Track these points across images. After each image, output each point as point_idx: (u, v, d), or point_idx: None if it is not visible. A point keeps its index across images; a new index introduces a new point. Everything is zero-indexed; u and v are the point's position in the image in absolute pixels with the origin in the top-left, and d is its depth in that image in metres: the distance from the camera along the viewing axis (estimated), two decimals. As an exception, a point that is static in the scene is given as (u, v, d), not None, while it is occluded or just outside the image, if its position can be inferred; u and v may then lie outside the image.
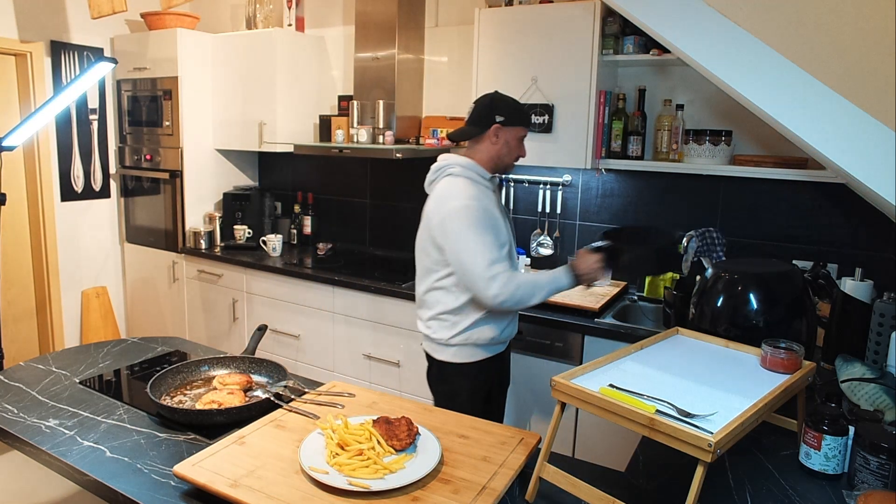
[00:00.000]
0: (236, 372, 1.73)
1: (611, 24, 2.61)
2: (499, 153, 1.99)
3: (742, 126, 2.61)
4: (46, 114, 2.39)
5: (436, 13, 3.30)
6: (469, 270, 1.83)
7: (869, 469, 1.20)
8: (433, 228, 1.92)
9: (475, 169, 1.96)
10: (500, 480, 1.21)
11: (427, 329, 2.03)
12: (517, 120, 1.98)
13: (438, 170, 1.99)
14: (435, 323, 1.99)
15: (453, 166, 1.97)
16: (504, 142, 1.98)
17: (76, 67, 3.67)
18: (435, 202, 1.94)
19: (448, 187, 1.93)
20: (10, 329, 3.60)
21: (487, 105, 1.98)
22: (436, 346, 2.01)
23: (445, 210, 1.88)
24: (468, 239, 1.83)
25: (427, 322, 2.02)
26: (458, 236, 1.84)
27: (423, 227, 1.99)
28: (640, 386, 1.17)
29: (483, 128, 1.96)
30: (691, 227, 2.68)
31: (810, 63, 1.39)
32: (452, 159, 1.99)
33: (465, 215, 1.84)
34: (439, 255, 1.92)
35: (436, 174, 2.00)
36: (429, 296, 2.00)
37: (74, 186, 3.77)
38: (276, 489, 1.16)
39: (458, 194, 1.88)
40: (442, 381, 2.05)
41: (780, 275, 1.69)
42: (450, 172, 1.97)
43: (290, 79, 3.48)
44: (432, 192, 1.99)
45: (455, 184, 1.92)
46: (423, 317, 2.04)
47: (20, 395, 1.63)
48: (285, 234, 3.74)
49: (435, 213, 1.91)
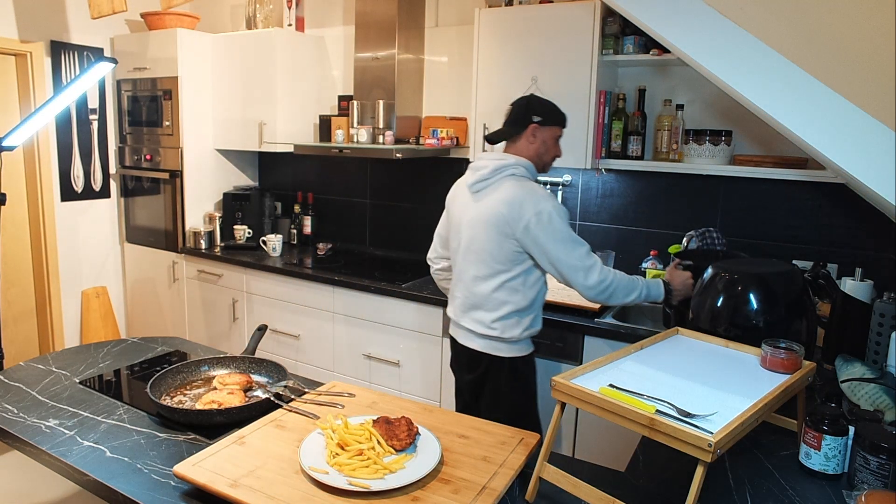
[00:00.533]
0: (236, 372, 1.73)
1: (611, 24, 2.61)
2: (537, 152, 2.03)
3: (742, 126, 2.61)
4: (46, 114, 2.39)
5: (436, 13, 3.30)
6: (570, 264, 1.89)
7: (869, 469, 1.20)
8: (517, 232, 1.91)
9: (532, 170, 2.02)
10: (500, 480, 1.21)
11: (492, 330, 2.00)
12: (553, 120, 2.04)
13: (497, 170, 1.97)
14: (502, 323, 1.99)
15: (517, 166, 1.98)
16: (541, 141, 2.03)
17: (76, 67, 3.67)
18: (512, 206, 1.91)
19: (524, 190, 1.93)
20: (10, 329, 3.60)
21: (524, 106, 2.03)
22: (504, 344, 2.02)
23: (534, 212, 1.88)
24: (564, 237, 1.89)
25: (492, 324, 2.00)
26: (556, 236, 1.89)
27: (487, 228, 1.96)
28: (640, 386, 1.17)
29: (521, 128, 2.02)
30: (691, 227, 2.69)
31: (810, 63, 1.39)
32: (512, 159, 1.99)
33: (556, 216, 1.90)
34: (513, 256, 1.94)
35: (494, 174, 1.98)
36: (496, 296, 1.98)
37: (74, 186, 3.77)
38: (276, 489, 1.16)
39: (541, 196, 1.91)
40: (516, 377, 2.06)
41: (780, 275, 1.69)
42: (513, 173, 1.97)
43: (290, 79, 3.48)
44: (495, 194, 1.96)
45: (529, 186, 1.95)
46: (485, 319, 2.01)
47: (20, 395, 1.63)
48: (285, 234, 3.74)
49: (517, 217, 1.90)
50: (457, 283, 2.12)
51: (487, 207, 1.96)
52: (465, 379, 2.16)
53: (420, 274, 3.07)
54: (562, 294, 2.64)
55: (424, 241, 3.49)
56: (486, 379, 2.07)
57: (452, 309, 2.15)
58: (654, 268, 2.74)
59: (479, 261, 2.00)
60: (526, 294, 1.99)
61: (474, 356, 2.07)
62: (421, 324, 2.80)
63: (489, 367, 2.05)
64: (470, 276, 2.04)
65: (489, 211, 1.95)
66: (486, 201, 1.98)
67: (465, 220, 2.05)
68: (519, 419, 1.66)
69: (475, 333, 2.05)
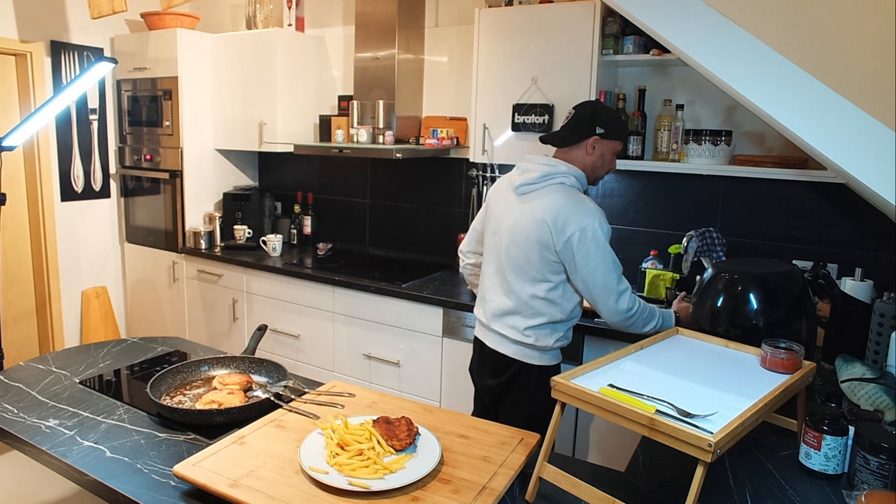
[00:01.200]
0: (236, 372, 1.73)
1: (611, 24, 2.61)
2: (594, 164, 1.96)
3: (742, 126, 2.61)
4: (46, 114, 2.39)
5: (436, 13, 3.30)
6: (604, 286, 1.85)
7: (869, 469, 1.20)
8: (559, 244, 1.85)
9: (584, 181, 1.95)
10: (500, 480, 1.21)
11: (526, 338, 1.95)
12: (617, 133, 1.95)
13: (546, 176, 1.91)
14: (535, 332, 1.94)
15: (568, 175, 1.91)
16: (600, 154, 1.95)
17: (76, 67, 3.67)
18: (557, 216, 1.84)
19: (572, 201, 1.86)
20: (10, 329, 3.60)
21: (590, 115, 1.93)
22: (537, 353, 1.97)
23: (579, 227, 1.82)
24: (605, 257, 1.84)
25: (525, 331, 1.95)
26: (597, 255, 1.83)
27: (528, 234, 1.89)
28: (640, 386, 1.17)
29: (582, 137, 1.93)
30: (691, 227, 2.69)
31: (810, 63, 1.39)
32: (563, 167, 1.92)
33: (601, 234, 1.84)
34: (553, 266, 1.89)
35: (543, 180, 1.91)
36: (533, 304, 1.93)
37: (74, 186, 3.77)
38: (276, 489, 1.16)
39: (590, 211, 1.85)
40: (541, 386, 1.98)
41: (780, 275, 1.69)
42: (562, 181, 1.90)
43: (290, 79, 3.48)
44: (540, 201, 1.89)
45: (579, 198, 1.88)
46: (519, 326, 1.95)
47: (20, 395, 1.63)
48: (285, 234, 3.74)
49: (561, 229, 1.83)
50: (490, 285, 2.04)
51: (532, 214, 1.89)
52: (487, 384, 2.09)
53: (420, 274, 3.07)
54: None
55: (424, 241, 3.51)
56: (513, 385, 2.01)
57: (483, 312, 2.08)
58: (653, 268, 2.74)
59: (518, 267, 1.93)
60: (563, 306, 1.93)
61: (503, 361, 2.01)
62: (421, 324, 2.80)
63: (517, 373, 1.99)
64: (507, 280, 1.97)
65: (533, 218, 1.88)
66: (530, 206, 1.90)
67: (507, 223, 1.97)
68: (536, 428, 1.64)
69: (508, 339, 1.98)
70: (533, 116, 2.70)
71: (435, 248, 3.45)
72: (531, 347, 1.96)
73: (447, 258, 3.35)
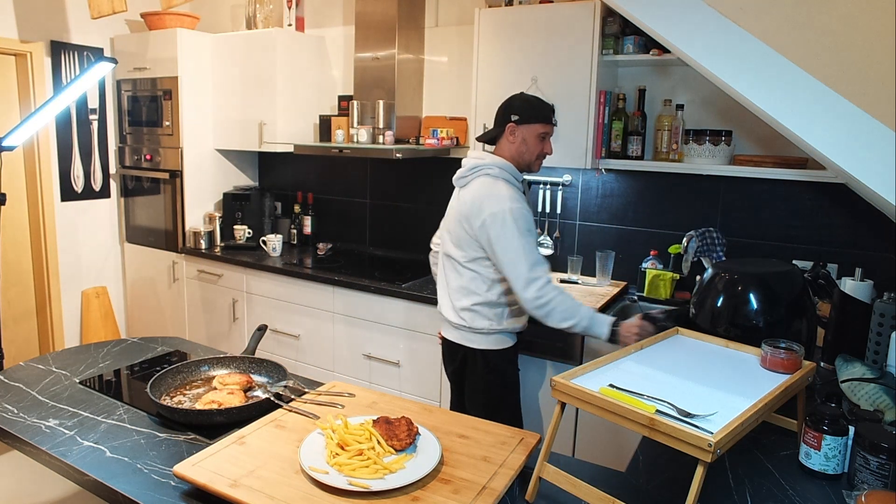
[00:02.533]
0: (236, 372, 1.73)
1: (611, 24, 2.61)
2: (518, 151, 2.04)
3: (742, 126, 2.61)
4: (46, 114, 2.39)
5: (436, 13, 3.30)
6: (512, 271, 1.90)
7: (869, 469, 1.20)
8: (475, 229, 1.96)
9: (510, 170, 2.02)
10: (500, 480, 1.21)
11: (461, 321, 2.06)
12: (532, 117, 2.01)
13: (474, 168, 2.02)
14: (468, 314, 2.04)
15: (491, 167, 2.00)
16: (521, 139, 2.03)
17: (76, 67, 3.67)
18: (474, 203, 1.96)
19: (489, 189, 1.96)
20: (10, 329, 3.60)
21: (505, 105, 2.06)
22: (476, 336, 2.06)
23: (490, 212, 1.91)
24: (514, 241, 1.89)
25: (461, 313, 2.06)
26: (505, 239, 1.90)
27: (458, 221, 2.02)
28: (640, 386, 1.17)
29: (500, 127, 2.05)
30: (691, 227, 2.69)
31: (810, 63, 1.39)
32: (489, 159, 2.02)
33: (510, 219, 1.90)
34: (477, 251, 1.99)
35: (470, 172, 2.03)
36: (463, 287, 2.05)
37: (74, 186, 3.77)
38: (276, 489, 1.16)
39: (505, 198, 1.92)
40: (489, 370, 2.09)
41: (780, 275, 1.69)
42: (487, 172, 2.00)
43: (290, 79, 3.48)
44: (467, 190, 2.02)
45: (496, 186, 1.96)
46: (457, 307, 2.07)
47: (20, 395, 1.63)
48: (285, 234, 3.74)
49: (476, 214, 1.95)
50: (441, 275, 2.19)
51: (461, 202, 2.03)
52: (449, 371, 2.23)
53: (420, 274, 3.07)
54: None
55: (424, 241, 3.49)
56: (465, 371, 2.14)
57: (439, 303, 2.21)
58: (653, 268, 2.74)
59: (453, 254, 2.07)
60: (492, 288, 2.02)
61: (452, 347, 2.14)
62: (421, 324, 2.80)
63: (465, 358, 2.11)
64: (447, 268, 2.12)
65: (461, 206, 2.02)
66: (462, 197, 2.05)
67: (448, 215, 2.13)
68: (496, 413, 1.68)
69: (451, 324, 2.11)
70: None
71: (435, 248, 3.45)
72: (468, 330, 2.07)
73: (447, 258, 3.35)
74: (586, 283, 2.85)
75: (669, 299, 2.67)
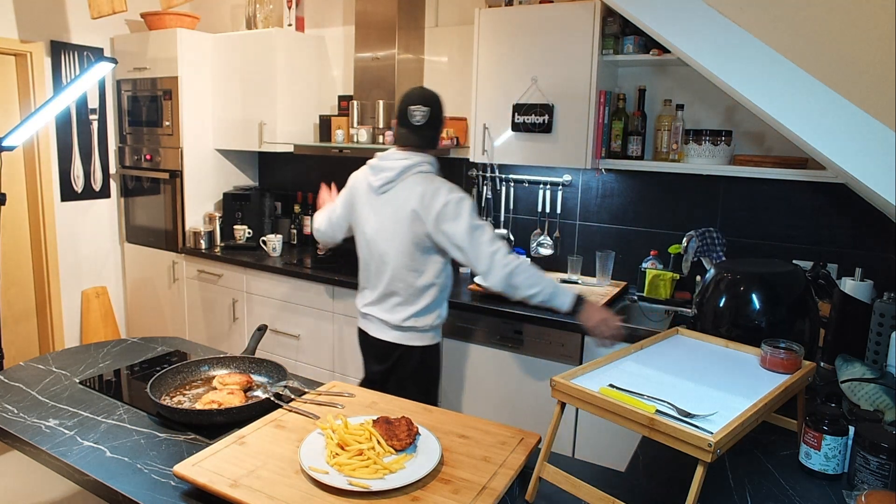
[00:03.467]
0: (236, 372, 1.73)
1: (611, 24, 2.61)
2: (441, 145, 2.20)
3: (742, 126, 2.61)
4: (46, 114, 2.39)
5: (436, 13, 3.30)
6: (474, 249, 1.96)
7: (869, 469, 1.20)
8: (428, 223, 1.99)
9: (436, 164, 2.13)
10: (500, 480, 1.21)
11: (407, 322, 2.10)
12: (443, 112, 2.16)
13: (405, 169, 2.05)
14: (416, 317, 2.10)
15: (423, 164, 2.08)
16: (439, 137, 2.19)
17: (76, 67, 3.67)
18: (422, 197, 1.99)
19: (431, 183, 2.02)
20: (10, 329, 3.60)
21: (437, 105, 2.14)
22: (418, 334, 2.12)
23: (443, 202, 1.97)
24: (473, 220, 1.97)
25: (407, 319, 2.09)
26: (465, 220, 1.96)
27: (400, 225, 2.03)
28: (640, 386, 1.17)
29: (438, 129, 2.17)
30: (691, 227, 2.69)
31: (810, 63, 1.39)
32: (417, 157, 2.08)
33: (465, 204, 1.98)
34: (427, 250, 2.04)
35: (402, 172, 2.05)
36: (413, 291, 2.08)
37: (74, 186, 3.77)
38: (276, 489, 1.15)
39: (450, 188, 2.01)
40: (424, 366, 2.16)
41: (782, 275, 1.69)
42: (420, 170, 2.06)
43: (290, 79, 3.48)
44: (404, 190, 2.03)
45: (435, 180, 2.04)
46: (400, 312, 2.10)
47: (20, 395, 1.63)
48: (285, 234, 3.74)
49: (428, 206, 1.98)
50: (369, 277, 2.18)
51: (397, 206, 2.04)
52: (374, 369, 2.23)
53: (420, 274, 3.06)
54: (562, 294, 2.64)
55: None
56: (396, 368, 2.16)
57: (362, 301, 2.22)
58: (653, 268, 2.74)
59: (394, 260, 2.07)
60: (438, 285, 2.10)
61: (386, 347, 2.15)
62: (421, 324, 2.79)
63: (401, 357, 2.14)
64: (384, 273, 2.10)
65: (400, 210, 2.03)
66: (394, 201, 2.05)
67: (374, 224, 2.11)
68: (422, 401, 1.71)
69: (389, 325, 2.12)
70: (533, 116, 2.70)
71: (435, 248, 3.45)
72: (412, 330, 2.11)
73: (447, 258, 3.36)
74: (586, 283, 2.85)
75: (669, 299, 2.67)
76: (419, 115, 2.06)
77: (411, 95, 2.09)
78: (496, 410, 2.64)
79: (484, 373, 2.67)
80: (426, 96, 2.09)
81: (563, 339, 2.46)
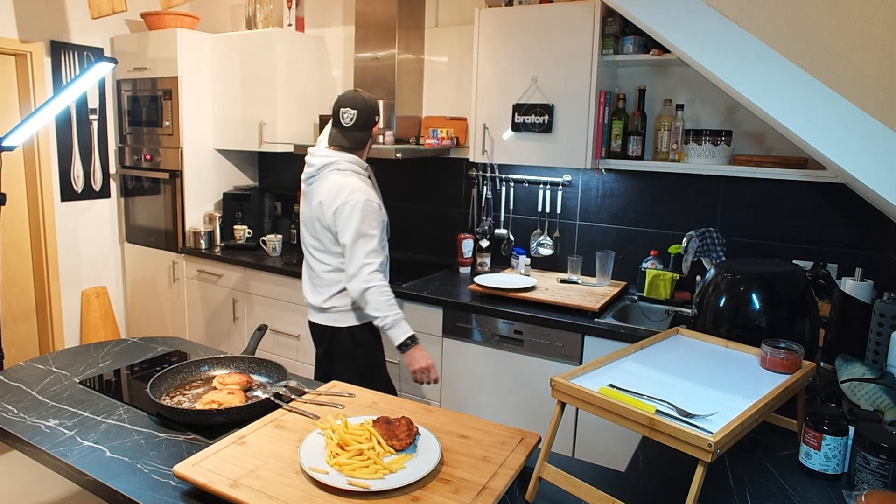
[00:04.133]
0: (236, 372, 1.73)
1: (611, 24, 2.61)
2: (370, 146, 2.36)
3: (742, 126, 2.61)
4: (46, 114, 2.39)
5: (436, 13, 3.30)
6: (351, 253, 2.13)
7: (869, 469, 1.20)
8: (328, 217, 2.17)
9: (358, 163, 2.25)
10: (500, 480, 1.21)
11: (326, 303, 2.28)
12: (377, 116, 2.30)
13: (324, 166, 2.21)
14: (337, 298, 2.27)
15: (340, 163, 2.21)
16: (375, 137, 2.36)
17: (76, 67, 3.67)
18: (329, 194, 2.16)
19: (343, 181, 2.16)
20: (10, 329, 3.60)
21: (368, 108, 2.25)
22: (342, 315, 2.28)
23: (342, 201, 2.13)
24: (359, 229, 2.12)
25: (329, 299, 2.27)
26: (351, 224, 2.12)
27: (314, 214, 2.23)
28: (640, 386, 1.17)
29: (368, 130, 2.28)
30: (691, 227, 2.69)
31: (810, 63, 1.39)
32: (337, 156, 2.21)
33: (360, 208, 2.11)
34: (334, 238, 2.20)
35: (321, 168, 2.21)
36: (327, 275, 2.27)
37: (74, 186, 3.77)
38: (276, 489, 1.16)
39: (356, 189, 2.14)
40: (356, 344, 2.31)
41: (783, 275, 1.69)
42: (337, 168, 2.20)
43: (289, 79, 3.48)
44: (319, 185, 2.20)
45: (348, 179, 2.17)
46: (322, 295, 2.28)
47: (20, 395, 1.63)
48: (285, 234, 3.74)
49: (330, 204, 2.15)
50: (304, 263, 2.40)
51: (313, 199, 2.23)
52: (318, 353, 2.43)
53: (420, 274, 3.07)
54: (561, 294, 2.65)
55: (424, 241, 3.51)
56: (332, 350, 2.33)
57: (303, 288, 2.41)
58: (653, 268, 2.74)
59: (312, 246, 2.30)
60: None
61: (319, 329, 2.35)
62: (421, 324, 2.79)
63: (332, 338, 2.32)
64: (308, 259, 2.34)
65: (314, 201, 2.22)
66: (313, 194, 2.24)
67: (302, 212, 2.33)
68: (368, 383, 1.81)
69: (315, 309, 2.33)
70: (533, 116, 2.70)
71: (435, 248, 3.45)
72: (333, 311, 2.29)
73: (447, 258, 3.36)
74: (586, 283, 2.85)
75: (669, 299, 2.67)
76: (348, 117, 2.20)
77: (344, 98, 2.22)
78: (496, 410, 2.64)
79: (484, 373, 2.67)
80: (357, 100, 2.21)
81: (563, 339, 2.47)
